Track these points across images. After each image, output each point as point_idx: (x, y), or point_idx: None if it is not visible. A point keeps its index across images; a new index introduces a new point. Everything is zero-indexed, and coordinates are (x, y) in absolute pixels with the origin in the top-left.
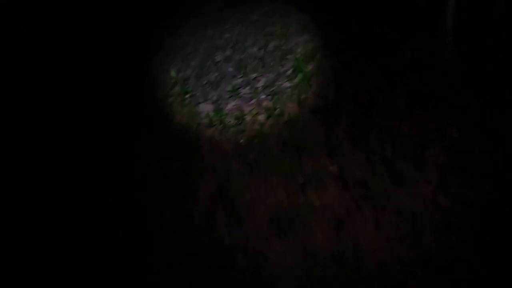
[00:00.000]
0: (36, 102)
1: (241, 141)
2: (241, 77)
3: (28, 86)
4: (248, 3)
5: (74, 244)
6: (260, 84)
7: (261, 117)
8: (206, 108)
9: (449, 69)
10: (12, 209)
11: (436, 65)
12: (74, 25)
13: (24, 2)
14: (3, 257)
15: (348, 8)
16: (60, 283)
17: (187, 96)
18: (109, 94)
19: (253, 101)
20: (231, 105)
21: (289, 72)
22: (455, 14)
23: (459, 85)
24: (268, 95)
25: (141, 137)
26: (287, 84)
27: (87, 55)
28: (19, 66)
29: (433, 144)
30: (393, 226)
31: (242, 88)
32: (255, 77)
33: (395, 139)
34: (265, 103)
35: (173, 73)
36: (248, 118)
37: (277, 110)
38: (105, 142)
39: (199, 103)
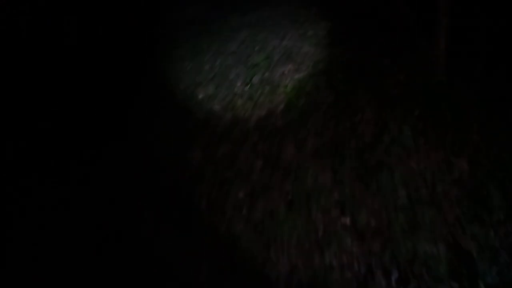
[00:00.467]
0: (36, 102)
1: (240, 196)
2: (230, 117)
3: (28, 86)
4: (223, 32)
5: (74, 244)
6: (252, 124)
7: (258, 164)
8: (195, 155)
9: (445, 92)
10: (12, 209)
11: (432, 87)
12: (74, 25)
13: (24, 2)
14: (3, 257)
15: (334, 33)
16: (60, 283)
17: (172, 141)
18: (109, 95)
19: (246, 145)
20: (222, 150)
21: (281, 108)
22: (446, 33)
23: (459, 109)
24: (262, 137)
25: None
26: (281, 122)
27: (87, 55)
28: (19, 66)
29: (444, 178)
30: (419, 278)
31: (232, 131)
32: (245, 117)
33: (405, 179)
34: (260, 147)
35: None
36: (243, 166)
37: (274, 154)
38: (105, 143)
39: (187, 150)
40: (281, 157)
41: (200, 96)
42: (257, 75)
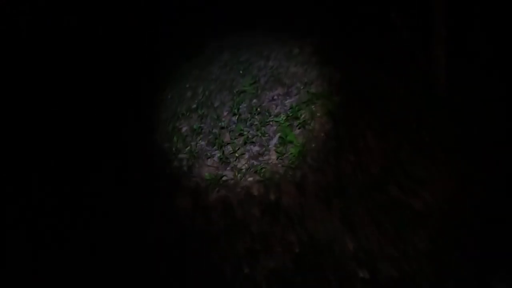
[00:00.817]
0: (36, 102)
1: (240, 251)
2: (219, 155)
3: (28, 86)
4: (204, 55)
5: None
6: (243, 163)
7: (256, 211)
8: (183, 204)
9: (450, 107)
10: (13, 211)
11: (436, 104)
12: (74, 25)
13: (24, 2)
14: (3, 259)
15: (321, 50)
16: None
17: (154, 189)
18: (109, 95)
19: (240, 189)
20: (213, 196)
21: (275, 142)
22: (446, 45)
23: (466, 124)
24: (257, 178)
25: None
26: (276, 159)
27: (87, 55)
28: (19, 66)
29: (463, 210)
30: None
31: (222, 171)
32: (235, 155)
33: (423, 217)
34: (256, 191)
35: None
36: (239, 215)
37: (272, 198)
38: (105, 140)
39: (172, 198)
40: (281, 201)
41: (183, 130)
42: (245, 102)
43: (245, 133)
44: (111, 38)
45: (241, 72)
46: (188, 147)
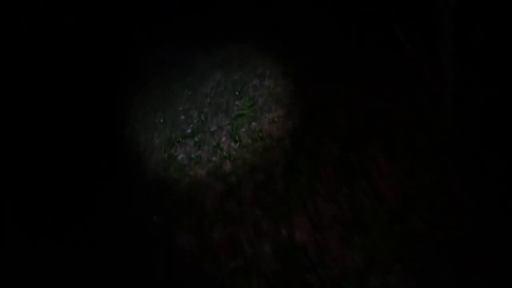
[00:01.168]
0: (36, 102)
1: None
2: (221, 187)
3: (28, 86)
4: (196, 74)
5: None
6: (249, 194)
7: (267, 249)
8: (185, 242)
9: (457, 129)
10: (13, 212)
11: (442, 120)
12: (74, 25)
13: (24, 2)
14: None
15: (319, 67)
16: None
17: (151, 225)
18: (108, 94)
19: (247, 224)
20: (218, 233)
21: (281, 169)
22: (453, 60)
23: (479, 142)
24: (266, 211)
25: None
26: (284, 189)
27: (87, 55)
28: (19, 66)
29: (486, 238)
30: None
31: (226, 205)
32: (239, 186)
33: (444, 247)
34: (265, 226)
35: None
36: (249, 253)
37: (284, 234)
38: (103, 145)
39: (172, 236)
40: (294, 236)
41: (180, 158)
42: (243, 126)
43: (248, 161)
44: (108, 41)
45: (237, 93)
46: (187, 178)
